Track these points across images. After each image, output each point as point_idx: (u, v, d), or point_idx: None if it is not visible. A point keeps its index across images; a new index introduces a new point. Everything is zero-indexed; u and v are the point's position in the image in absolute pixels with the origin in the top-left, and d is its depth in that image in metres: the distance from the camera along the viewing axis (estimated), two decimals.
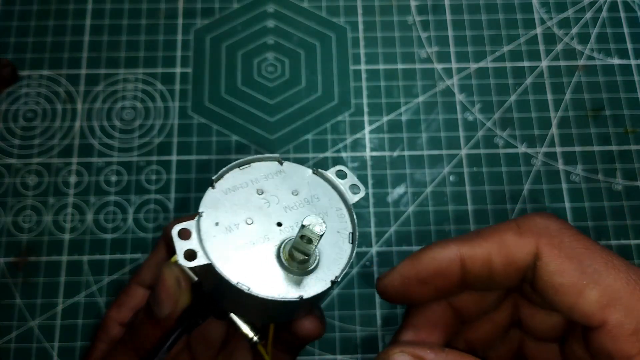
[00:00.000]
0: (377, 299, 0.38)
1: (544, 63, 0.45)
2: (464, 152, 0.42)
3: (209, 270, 0.23)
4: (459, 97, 0.44)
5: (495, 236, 0.22)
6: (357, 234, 0.25)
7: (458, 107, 0.43)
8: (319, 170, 0.26)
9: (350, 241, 0.24)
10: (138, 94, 0.43)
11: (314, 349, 0.37)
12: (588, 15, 0.46)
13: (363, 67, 0.44)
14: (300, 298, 0.23)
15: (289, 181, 0.25)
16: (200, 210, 0.23)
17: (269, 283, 0.23)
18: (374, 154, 0.42)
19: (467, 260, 0.23)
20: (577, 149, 0.42)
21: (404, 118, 0.43)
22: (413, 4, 0.46)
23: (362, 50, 0.45)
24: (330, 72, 0.44)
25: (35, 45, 0.44)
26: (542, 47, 0.45)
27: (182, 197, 0.40)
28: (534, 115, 0.43)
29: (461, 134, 0.42)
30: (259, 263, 0.23)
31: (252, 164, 0.25)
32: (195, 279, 0.25)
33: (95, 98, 0.43)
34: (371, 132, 0.42)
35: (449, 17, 0.46)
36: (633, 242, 0.40)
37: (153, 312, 0.25)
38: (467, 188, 0.41)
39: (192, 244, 0.22)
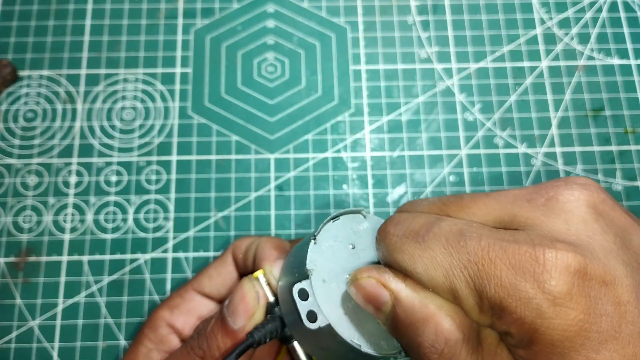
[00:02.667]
0: None
1: (544, 63, 0.45)
2: (464, 152, 0.42)
3: (323, 328, 0.24)
4: (459, 97, 0.44)
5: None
6: None
7: (458, 107, 0.43)
8: None
9: None
10: (138, 94, 0.43)
11: None
12: (588, 15, 0.46)
13: (363, 67, 0.44)
14: (398, 354, 0.24)
15: (373, 234, 0.26)
16: (308, 267, 0.24)
17: (370, 339, 0.24)
18: (374, 154, 0.42)
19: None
20: (577, 149, 0.42)
21: (404, 118, 0.43)
22: (413, 4, 0.46)
23: (362, 50, 0.45)
24: (330, 72, 0.44)
25: (35, 45, 0.44)
26: (542, 47, 0.45)
27: (182, 197, 0.40)
28: (534, 115, 0.43)
29: (461, 134, 0.42)
30: (361, 320, 0.24)
31: (341, 218, 0.26)
32: (272, 299, 0.27)
33: (95, 98, 0.43)
34: (371, 132, 0.42)
35: (449, 17, 0.46)
36: None
37: (226, 322, 0.26)
38: (467, 188, 0.41)
39: (312, 304, 0.24)
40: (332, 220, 0.26)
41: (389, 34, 0.45)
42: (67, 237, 0.39)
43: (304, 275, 0.24)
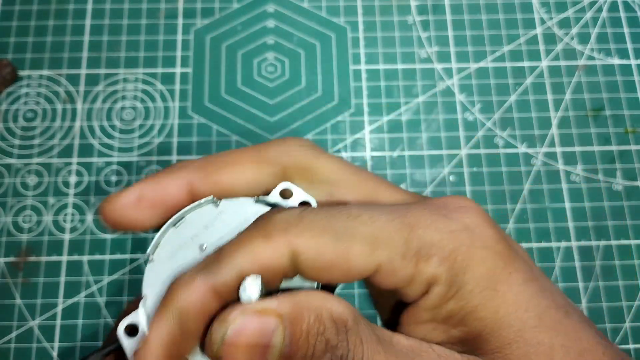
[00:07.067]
0: None
1: (544, 63, 0.45)
2: (464, 152, 0.42)
3: None
4: (459, 97, 0.44)
5: (243, 254, 0.19)
6: None
7: (458, 107, 0.43)
8: (260, 197, 0.22)
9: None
10: (138, 94, 0.43)
11: None
12: (588, 15, 0.46)
13: (363, 67, 0.44)
14: None
15: (231, 222, 0.22)
16: (143, 293, 0.20)
17: None
18: (374, 154, 0.42)
19: (219, 290, 0.18)
20: (577, 149, 0.42)
21: (404, 118, 0.43)
22: (413, 4, 0.46)
23: (362, 50, 0.45)
24: (330, 72, 0.44)
25: (35, 45, 0.44)
26: (542, 47, 0.45)
27: None
28: (534, 115, 0.43)
29: (461, 134, 0.42)
30: None
31: (186, 217, 0.22)
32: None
33: (95, 98, 0.43)
34: (371, 132, 0.42)
35: (449, 17, 0.46)
36: (633, 242, 0.40)
37: None
38: (467, 188, 0.41)
39: (143, 337, 0.20)
40: (174, 226, 0.22)
41: (389, 34, 0.45)
42: (67, 237, 0.39)
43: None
